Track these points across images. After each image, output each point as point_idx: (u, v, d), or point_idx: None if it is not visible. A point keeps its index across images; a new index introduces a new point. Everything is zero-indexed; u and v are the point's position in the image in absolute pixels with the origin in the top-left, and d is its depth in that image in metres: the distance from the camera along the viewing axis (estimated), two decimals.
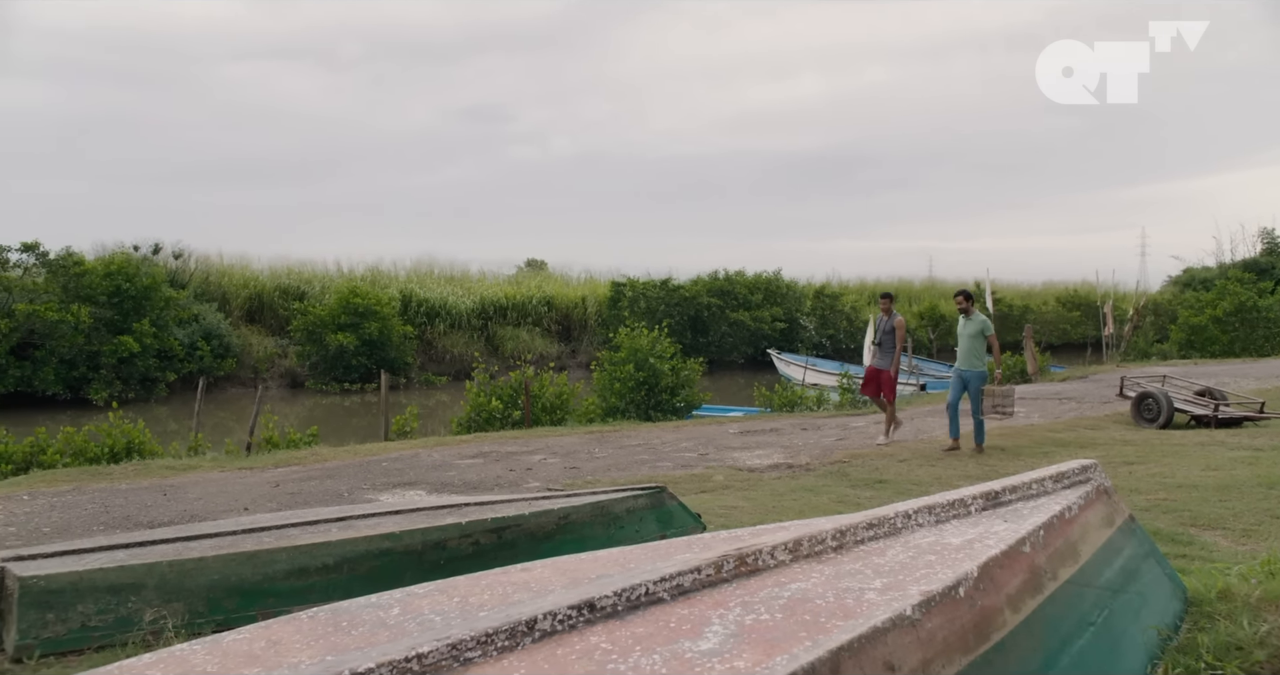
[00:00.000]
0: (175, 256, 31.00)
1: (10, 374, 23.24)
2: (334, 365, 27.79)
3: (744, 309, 34.47)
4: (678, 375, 16.87)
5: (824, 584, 2.60)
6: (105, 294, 25.10)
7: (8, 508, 9.00)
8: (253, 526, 5.69)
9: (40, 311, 23.27)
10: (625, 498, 6.55)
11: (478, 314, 33.26)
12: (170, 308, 26.28)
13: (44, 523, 8.32)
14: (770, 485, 9.53)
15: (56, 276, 25.14)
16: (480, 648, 2.15)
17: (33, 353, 23.68)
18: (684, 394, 17.07)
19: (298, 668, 2.17)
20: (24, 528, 8.15)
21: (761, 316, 34.58)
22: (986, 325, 11.38)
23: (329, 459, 11.94)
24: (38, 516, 8.59)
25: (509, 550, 5.62)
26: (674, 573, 2.58)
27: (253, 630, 2.53)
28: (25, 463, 12.00)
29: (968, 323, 11.45)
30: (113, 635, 4.74)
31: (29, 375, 23.48)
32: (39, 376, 23.54)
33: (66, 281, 25.00)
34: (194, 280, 30.23)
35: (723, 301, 34.28)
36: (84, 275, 25.17)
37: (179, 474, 10.95)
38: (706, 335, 33.80)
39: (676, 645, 2.20)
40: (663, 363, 16.65)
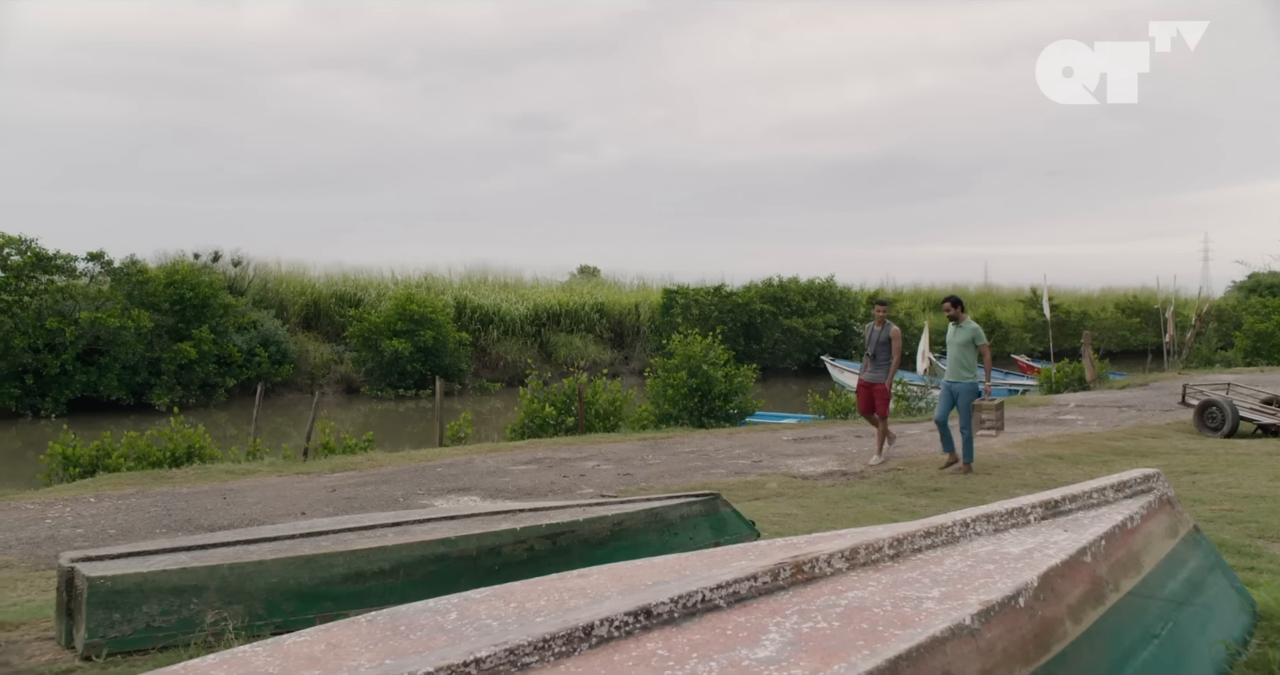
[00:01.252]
0: (234, 264, 31.50)
1: (77, 379, 23.75)
2: (389, 371, 28.06)
3: (797, 316, 34.29)
4: (731, 382, 16.82)
5: (881, 592, 2.58)
6: (167, 301, 25.59)
7: (75, 510, 9.19)
8: (310, 531, 5.75)
9: (104, 319, 23.75)
10: (679, 505, 6.54)
11: (531, 320, 33.41)
12: (229, 315, 26.71)
13: (109, 525, 8.49)
14: (824, 493, 9.47)
15: (121, 284, 25.67)
16: (538, 653, 2.16)
17: (98, 359, 24.18)
18: (737, 401, 17.01)
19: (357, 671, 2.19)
20: (90, 529, 8.32)
21: (815, 323, 34.38)
22: (978, 333, 10.69)
23: (384, 464, 12.05)
24: (104, 519, 8.76)
25: (563, 556, 5.64)
26: (730, 580, 2.58)
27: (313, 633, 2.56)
28: (92, 466, 12.26)
29: (958, 331, 10.73)
30: (176, 636, 4.82)
31: (94, 381, 23.97)
32: (104, 382, 24.02)
33: (130, 289, 25.52)
34: (252, 287, 30.69)
35: (775, 308, 34.14)
36: (147, 283, 25.68)
37: (238, 478, 11.11)
38: (759, 342, 33.67)
39: (733, 652, 2.19)
40: (716, 369, 16.61)
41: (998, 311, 41.27)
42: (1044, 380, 23.14)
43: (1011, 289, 47.18)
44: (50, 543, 7.75)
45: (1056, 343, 29.06)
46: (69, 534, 8.13)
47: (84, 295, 24.93)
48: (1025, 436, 13.12)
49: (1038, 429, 14.00)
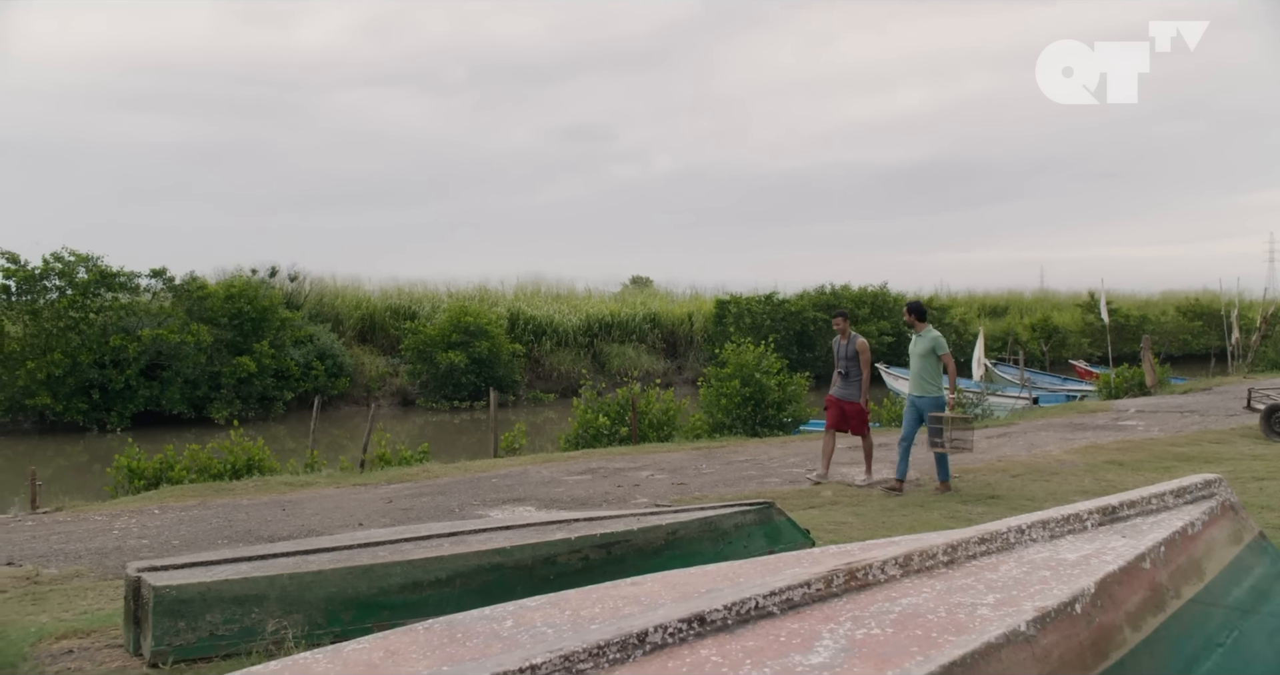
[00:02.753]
0: (291, 279, 31.96)
1: (140, 394, 24.22)
2: (444, 383, 28.28)
3: (852, 323, 34.04)
4: (784, 390, 16.76)
5: (935, 599, 2.57)
6: (226, 316, 26.03)
7: (141, 521, 9.38)
8: (368, 541, 5.83)
9: (166, 334, 24.21)
10: (733, 513, 6.54)
11: (584, 331, 33.52)
12: (287, 329, 27.10)
13: (173, 536, 8.65)
14: (879, 501, 9.42)
15: (181, 300, 26.16)
16: (592, 660, 2.18)
17: (160, 374, 24.64)
18: (791, 409, 16.94)
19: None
20: (155, 540, 8.48)
21: (868, 330, 34.13)
22: (939, 342, 10.03)
23: (440, 475, 12.16)
24: (167, 530, 8.93)
25: (618, 565, 5.66)
26: (783, 587, 2.58)
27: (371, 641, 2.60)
28: (156, 478, 12.50)
29: (918, 340, 10.14)
30: (238, 644, 4.91)
31: (157, 395, 24.43)
32: (166, 396, 24.47)
33: (190, 305, 25.98)
34: (309, 302, 31.11)
35: (828, 316, 33.94)
36: (206, 299, 26.13)
37: (296, 490, 11.27)
38: (813, 350, 33.50)
39: (787, 659, 2.19)
40: (769, 378, 16.56)
41: (1054, 316, 40.71)
42: (1103, 385, 22.78)
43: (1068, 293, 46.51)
44: (117, 553, 7.92)
45: (1115, 347, 28.59)
46: (135, 544, 8.29)
47: (146, 311, 25.44)
48: (1084, 443, 12.93)
49: (1096, 435, 13.79)
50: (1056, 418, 16.59)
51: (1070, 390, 25.50)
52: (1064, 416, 16.76)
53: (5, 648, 5.25)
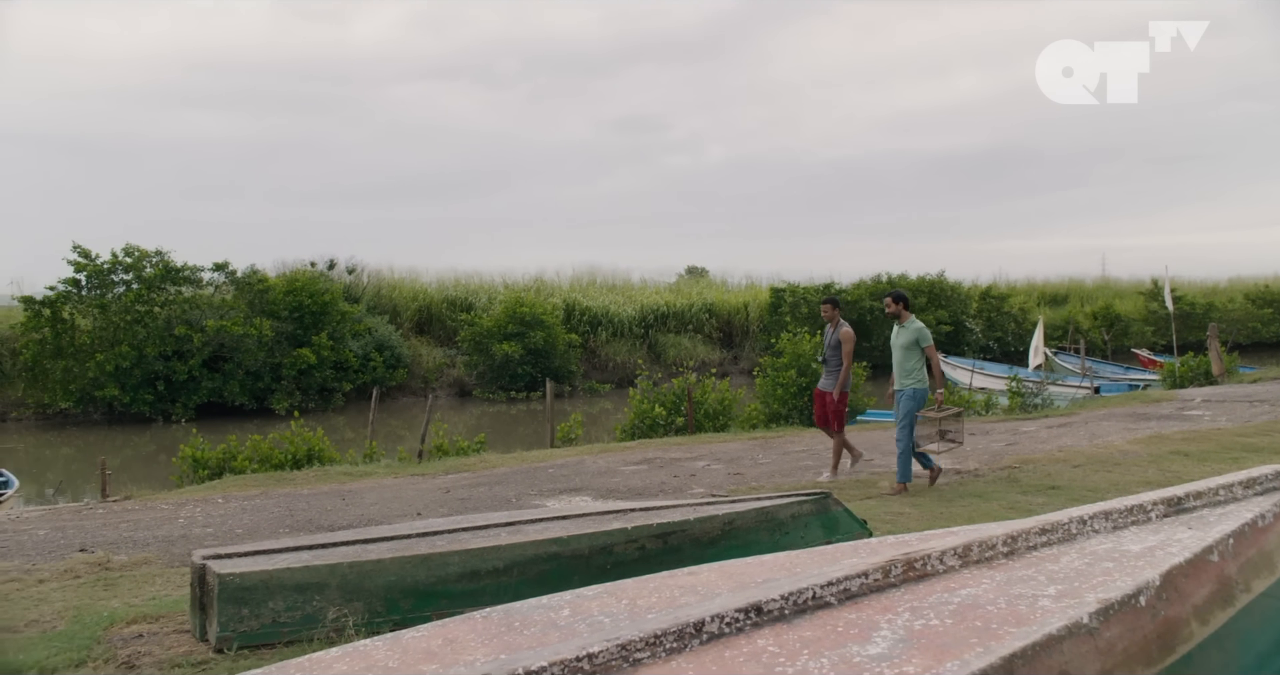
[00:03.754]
0: (349, 272, 32.33)
1: (204, 385, 24.68)
2: (500, 374, 28.46)
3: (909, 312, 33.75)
4: None
5: (995, 590, 2.54)
6: (287, 309, 26.41)
7: (205, 510, 9.56)
8: (426, 530, 5.89)
9: (228, 327, 24.64)
10: (790, 504, 6.52)
11: (639, 322, 33.55)
12: (345, 321, 27.42)
13: (236, 524, 8.80)
14: (937, 491, 9.33)
15: (243, 293, 26.58)
16: (649, 649, 2.18)
17: (223, 365, 25.07)
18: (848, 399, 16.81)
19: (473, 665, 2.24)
20: (219, 528, 8.64)
21: (925, 320, 33.68)
22: (922, 334, 9.61)
23: (497, 466, 12.25)
24: (231, 518, 9.09)
25: (674, 555, 5.66)
26: (841, 577, 2.56)
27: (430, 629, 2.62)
28: (219, 468, 12.73)
29: (900, 331, 9.71)
30: (300, 631, 4.99)
31: (219, 387, 24.87)
32: (228, 388, 24.90)
33: (252, 298, 26.40)
34: (367, 294, 31.45)
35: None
36: (267, 292, 26.53)
37: (356, 480, 11.41)
38: (869, 340, 33.19)
39: (844, 649, 2.18)
40: None
41: (1116, 304, 40.03)
42: (1167, 375, 22.37)
43: (1131, 281, 45.75)
44: (183, 541, 8.08)
45: (1180, 336, 28.04)
46: (200, 533, 8.46)
47: (209, 304, 25.92)
48: (1148, 433, 12.70)
49: (1160, 425, 13.54)
50: (1119, 407, 16.32)
51: (1133, 379, 25.07)
52: (1126, 406, 16.48)
53: (80, 631, 5.39)
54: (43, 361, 24.08)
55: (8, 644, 5.30)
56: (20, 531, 8.70)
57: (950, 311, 35.05)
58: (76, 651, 5.03)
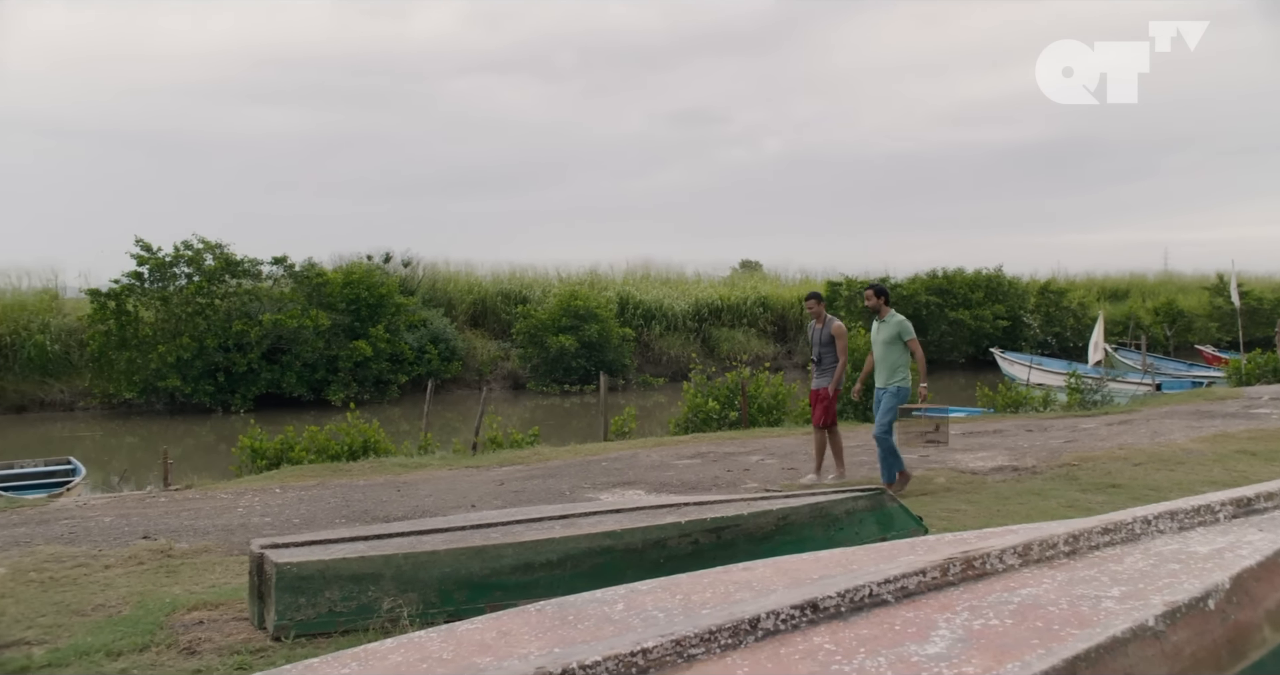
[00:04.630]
0: (405, 265, 32.61)
1: (262, 377, 25.05)
2: (554, 367, 28.57)
3: (964, 307, 33.42)
4: None
5: (1056, 590, 2.49)
6: (343, 302, 26.71)
7: (263, 499, 9.70)
8: (480, 523, 5.92)
9: (285, 319, 24.98)
10: (845, 499, 6.47)
11: (693, 316, 33.52)
12: (401, 314, 27.69)
13: (293, 514, 8.92)
14: (994, 488, 9.22)
15: (301, 286, 26.93)
16: (704, 645, 2.17)
17: (281, 357, 25.43)
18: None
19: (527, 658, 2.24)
20: (277, 518, 8.76)
21: (982, 315, 33.44)
22: (904, 328, 9.34)
23: (550, 458, 12.29)
24: (288, 508, 9.21)
25: (728, 550, 5.65)
26: (898, 575, 2.53)
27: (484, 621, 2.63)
28: (277, 458, 12.91)
29: (881, 326, 9.46)
30: (356, 621, 5.05)
31: (277, 378, 25.23)
32: (286, 379, 25.25)
33: (309, 291, 26.74)
34: (422, 287, 31.72)
35: (942, 300, 33.34)
36: (324, 285, 26.85)
37: (410, 471, 11.51)
38: (925, 334, 32.90)
39: (902, 648, 2.15)
40: None
41: (1179, 300, 39.26)
42: (1232, 372, 21.91)
43: (1194, 276, 44.84)
44: (242, 530, 8.20)
45: (1247, 332, 27.43)
46: (258, 522, 8.58)
47: (268, 297, 26.29)
48: (1212, 431, 12.44)
49: (1226, 423, 13.26)
50: (1181, 405, 16.01)
51: (1196, 376, 24.61)
52: (1190, 403, 16.17)
53: (144, 616, 5.50)
54: (108, 352, 24.60)
55: (77, 626, 5.43)
56: (88, 518, 8.89)
57: (1008, 306, 34.62)
58: (141, 636, 5.13)
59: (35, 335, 25.43)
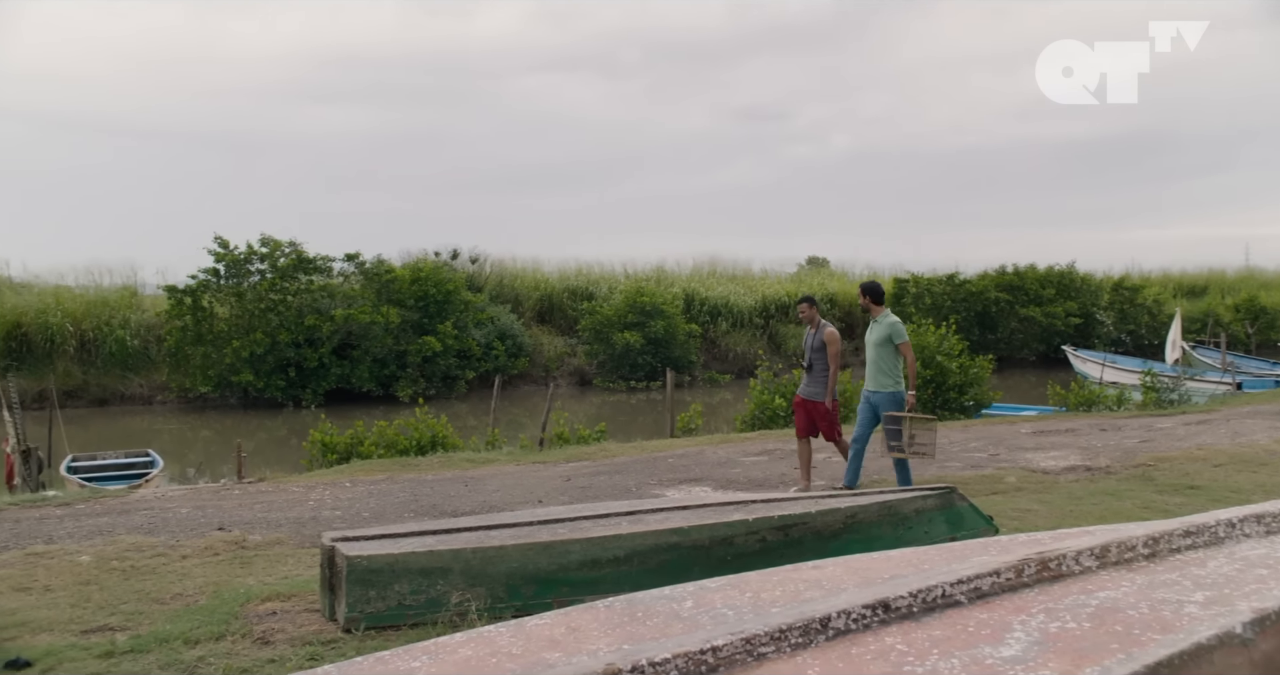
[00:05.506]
0: (472, 261, 32.90)
1: (333, 372, 25.43)
2: (620, 363, 28.63)
3: (1035, 304, 32.89)
4: (966, 373, 16.30)
5: (1136, 594, 2.43)
6: (412, 298, 27.01)
7: (334, 493, 9.84)
8: (548, 518, 5.96)
9: (356, 315, 25.34)
10: (914, 498, 6.41)
11: (760, 312, 33.41)
12: (468, 310, 27.93)
13: (363, 508, 9.04)
14: (1067, 488, 9.06)
15: (371, 283, 27.29)
16: (774, 643, 2.15)
17: (350, 353, 25.79)
18: (972, 392, 16.47)
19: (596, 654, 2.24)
20: (347, 512, 8.88)
21: (1054, 312, 32.86)
22: (895, 330, 8.83)
23: (617, 455, 12.31)
24: (358, 502, 9.33)
25: (795, 548, 5.62)
26: (971, 575, 2.49)
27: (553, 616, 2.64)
28: (347, 453, 13.09)
29: (874, 326, 8.98)
30: (424, 615, 5.10)
31: (348, 373, 25.59)
32: (355, 374, 25.60)
33: (379, 287, 27.09)
34: (489, 283, 31.96)
35: (1012, 296, 32.83)
36: (393, 281, 27.18)
37: (478, 466, 11.60)
38: (995, 331, 32.49)
39: (976, 650, 2.12)
40: (950, 360, 16.13)
41: (1262, 296, 38.21)
42: None
43: (1278, 271, 43.64)
44: (313, 523, 8.33)
45: None
46: (329, 515, 8.71)
47: (339, 293, 26.69)
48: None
49: None
50: (1264, 404, 15.60)
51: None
52: (1273, 403, 15.74)
53: (219, 606, 5.61)
54: (184, 347, 25.15)
55: (157, 614, 5.56)
56: (166, 509, 9.09)
57: (1080, 303, 34.00)
58: (216, 625, 5.24)
59: (116, 331, 26.09)
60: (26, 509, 9.24)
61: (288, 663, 4.67)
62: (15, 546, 7.49)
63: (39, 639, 5.17)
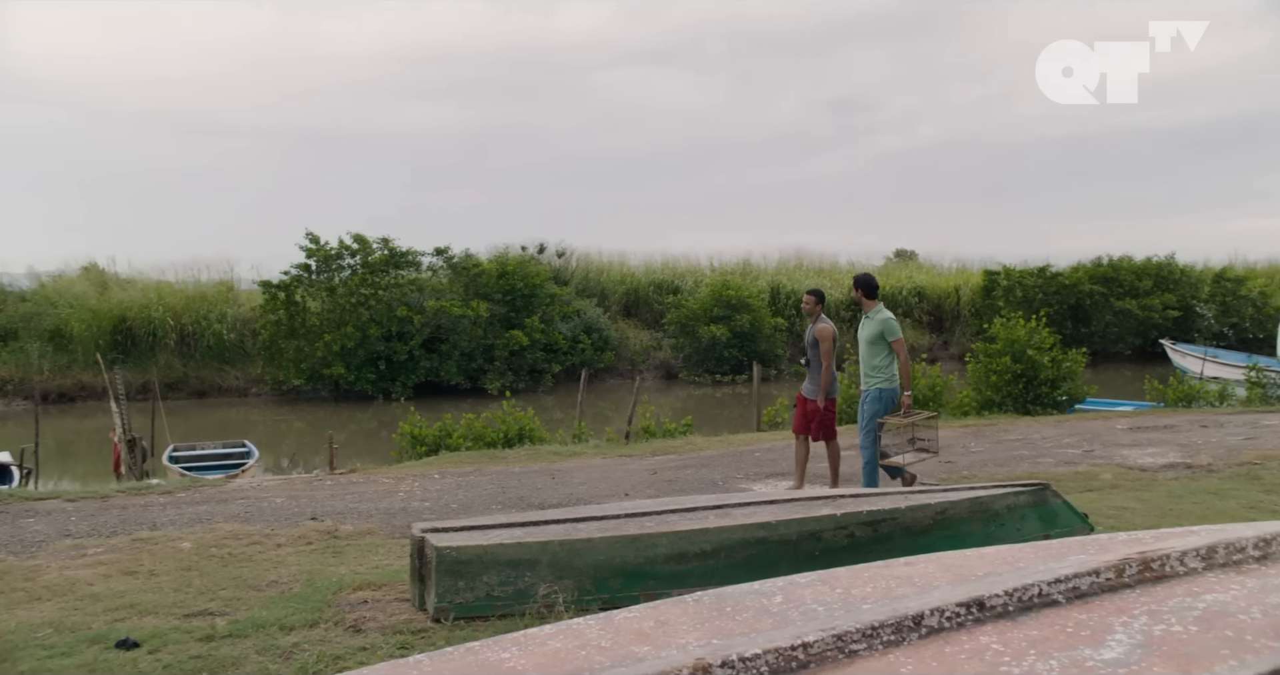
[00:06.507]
0: (558, 255, 33.13)
1: (422, 365, 25.83)
2: (706, 357, 28.60)
3: (1130, 297, 32.04)
4: (1058, 367, 15.93)
5: (1246, 597, 2.34)
6: (499, 292, 27.30)
7: (423, 485, 9.98)
8: (635, 511, 5.96)
9: (446, 308, 25.68)
10: (1006, 494, 6.27)
11: (846, 305, 33.04)
12: (555, 304, 28.14)
13: (451, 500, 9.15)
14: (1166, 486, 8.79)
15: (459, 277, 27.64)
16: (865, 641, 2.12)
17: (439, 346, 26.16)
18: (1066, 387, 16.09)
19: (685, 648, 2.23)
20: (436, 503, 9.00)
21: (1151, 304, 31.98)
22: (888, 326, 8.50)
23: (703, 448, 12.29)
24: (446, 494, 9.45)
25: (884, 544, 5.55)
26: (1069, 574, 2.42)
27: (641, 610, 2.63)
28: (435, 445, 13.28)
29: (867, 322, 8.68)
30: (512, 605, 5.13)
31: (436, 366, 25.97)
32: (444, 367, 25.96)
33: (467, 282, 27.42)
34: (575, 277, 32.16)
35: (1106, 289, 32.02)
36: (481, 275, 27.49)
37: (564, 459, 11.67)
38: (1089, 325, 31.74)
39: (1075, 652, 2.06)
40: (1042, 354, 15.78)
41: None
42: None
43: None
44: (403, 514, 8.46)
45: None
46: (418, 507, 8.83)
47: (429, 287, 27.09)
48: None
49: None
50: None
51: None
52: None
53: (313, 594, 5.73)
54: (278, 341, 25.78)
55: (253, 601, 5.69)
56: (261, 498, 9.32)
57: (1179, 296, 33.03)
58: (310, 613, 5.35)
59: (214, 325, 26.84)
60: (132, 496, 9.56)
61: (379, 651, 4.75)
62: (123, 532, 7.77)
63: (145, 621, 5.34)
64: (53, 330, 26.10)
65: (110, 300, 26.91)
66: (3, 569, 6.63)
